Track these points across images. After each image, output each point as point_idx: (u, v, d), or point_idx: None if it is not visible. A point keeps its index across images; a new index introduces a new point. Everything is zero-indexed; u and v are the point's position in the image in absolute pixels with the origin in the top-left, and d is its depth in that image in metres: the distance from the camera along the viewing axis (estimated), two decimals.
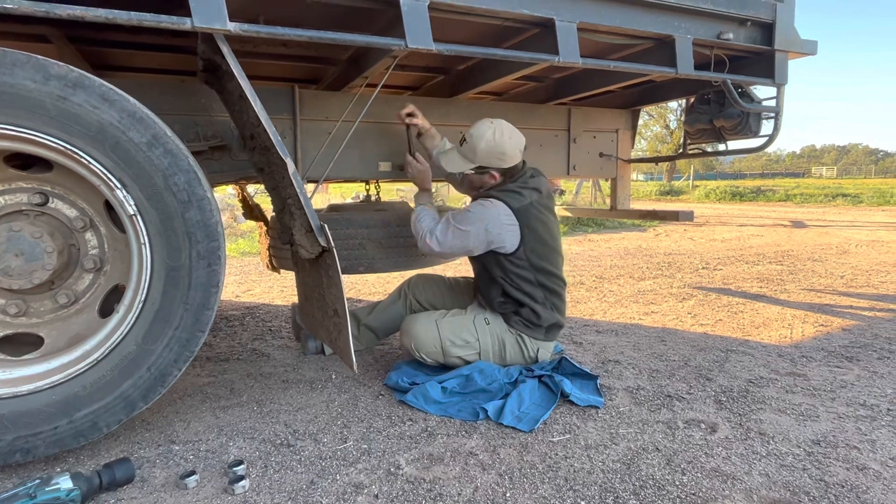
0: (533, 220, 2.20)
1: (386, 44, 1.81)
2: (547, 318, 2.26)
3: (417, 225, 2.27)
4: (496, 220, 2.15)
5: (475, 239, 2.16)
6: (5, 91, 1.41)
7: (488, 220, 2.15)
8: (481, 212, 2.17)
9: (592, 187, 15.24)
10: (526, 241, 2.19)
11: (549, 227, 2.26)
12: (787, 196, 19.95)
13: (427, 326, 2.25)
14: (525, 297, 2.23)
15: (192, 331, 1.65)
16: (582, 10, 2.05)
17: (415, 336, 2.25)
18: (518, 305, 2.26)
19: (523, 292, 2.23)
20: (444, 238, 2.19)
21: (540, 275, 2.23)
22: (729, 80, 2.52)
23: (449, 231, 2.19)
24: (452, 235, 2.18)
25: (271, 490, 1.51)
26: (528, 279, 2.22)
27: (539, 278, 2.24)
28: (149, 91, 2.14)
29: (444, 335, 2.23)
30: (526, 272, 2.22)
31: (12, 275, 1.62)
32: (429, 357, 2.25)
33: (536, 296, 2.24)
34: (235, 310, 3.69)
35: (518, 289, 2.22)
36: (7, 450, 1.53)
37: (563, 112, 3.17)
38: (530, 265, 2.21)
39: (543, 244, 2.24)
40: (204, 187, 1.63)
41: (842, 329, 3.14)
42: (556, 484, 1.53)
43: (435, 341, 2.23)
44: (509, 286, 2.23)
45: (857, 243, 7.33)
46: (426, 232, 2.22)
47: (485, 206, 2.18)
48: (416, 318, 2.31)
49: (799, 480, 1.55)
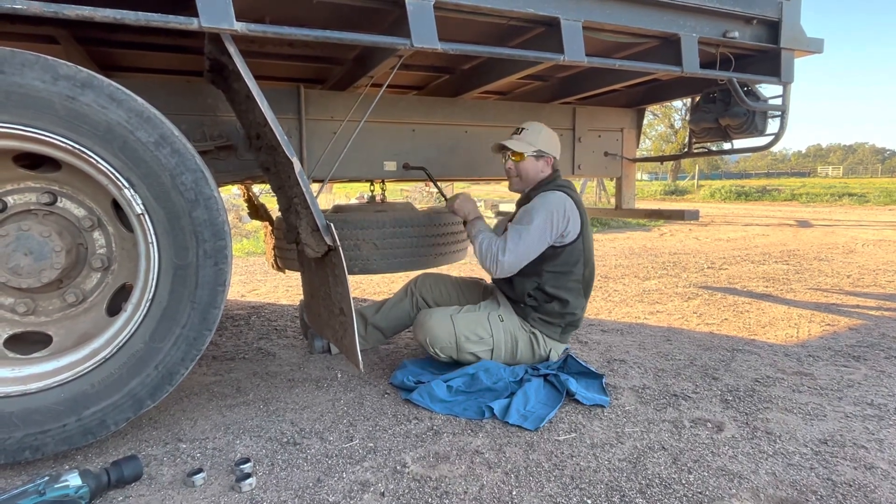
0: (586, 212, 2.33)
1: (391, 43, 1.81)
2: (573, 311, 2.30)
3: (483, 249, 2.23)
4: (561, 205, 2.21)
5: (546, 230, 2.19)
6: (14, 91, 1.42)
7: (555, 207, 2.21)
8: (544, 202, 2.22)
9: (597, 187, 15.21)
10: (584, 230, 2.28)
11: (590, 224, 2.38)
12: (793, 195, 19.86)
13: (443, 321, 2.25)
14: (561, 290, 2.26)
15: (199, 329, 1.66)
16: (587, 8, 2.05)
17: (429, 330, 2.24)
18: (546, 300, 2.27)
19: (562, 286, 2.26)
20: (515, 246, 2.16)
21: (587, 268, 2.32)
22: (735, 78, 2.51)
23: (518, 236, 2.17)
24: (522, 238, 2.17)
25: (278, 488, 1.51)
26: (577, 273, 2.28)
27: (585, 273, 2.32)
28: (156, 91, 2.15)
29: (460, 330, 2.23)
30: (577, 265, 2.27)
31: (21, 273, 1.63)
32: (442, 352, 2.25)
33: (574, 289, 2.29)
34: (241, 309, 3.70)
35: (559, 281, 2.26)
36: (17, 447, 1.54)
37: (568, 111, 3.17)
38: (584, 256, 2.29)
39: (591, 238, 2.36)
40: (211, 186, 1.64)
41: (849, 328, 3.12)
42: (563, 482, 1.53)
43: (450, 336, 2.23)
44: (551, 278, 2.25)
45: (864, 242, 7.29)
46: (496, 253, 2.19)
47: (546, 196, 2.25)
48: (431, 313, 2.31)
49: (806, 479, 1.54)
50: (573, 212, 2.24)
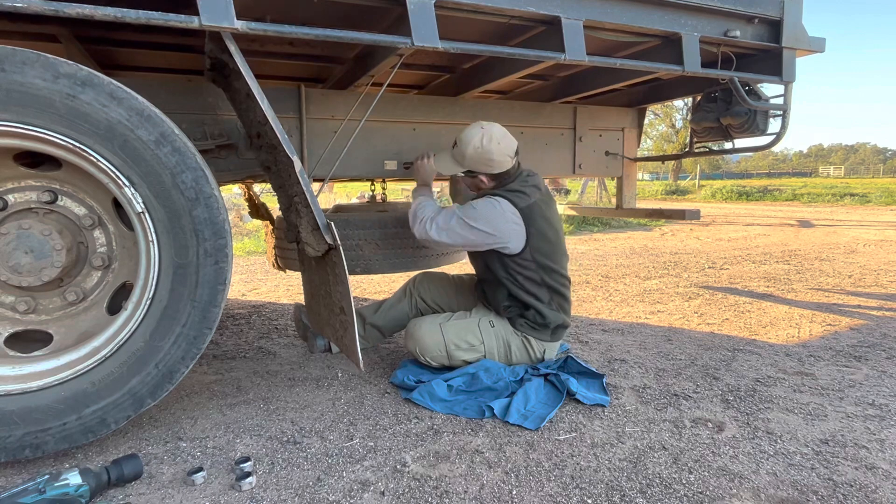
0: (538, 218, 2.19)
1: (392, 42, 1.81)
2: (553, 319, 2.25)
3: (418, 212, 2.23)
4: (503, 218, 2.13)
5: (479, 235, 2.13)
6: (15, 89, 1.42)
7: (496, 219, 2.13)
8: (489, 210, 2.15)
9: (598, 186, 15.20)
10: (532, 240, 2.17)
11: (552, 225, 2.26)
12: (794, 195, 19.85)
13: (432, 330, 2.23)
14: (531, 298, 2.22)
15: (199, 328, 1.65)
16: (588, 7, 2.05)
17: (419, 340, 2.24)
18: (524, 308, 2.25)
19: (529, 293, 2.21)
20: (446, 225, 2.15)
21: (545, 274, 2.22)
22: (736, 77, 2.51)
23: (453, 220, 2.15)
24: (457, 225, 2.14)
25: (278, 486, 1.51)
26: (534, 280, 2.21)
27: (544, 278, 2.22)
28: (156, 90, 2.15)
29: (449, 339, 2.22)
30: (531, 273, 2.20)
31: (22, 272, 1.63)
32: (434, 361, 2.24)
33: (542, 296, 2.23)
34: (242, 308, 3.70)
35: (524, 290, 2.21)
36: (17, 445, 1.54)
37: (569, 110, 3.16)
38: (536, 265, 2.20)
39: (548, 242, 2.22)
40: (211, 185, 1.64)
41: (850, 328, 3.12)
42: (563, 482, 1.53)
43: (439, 345, 2.22)
44: (515, 287, 2.21)
45: (866, 243, 7.28)
46: (427, 219, 2.19)
47: (492, 203, 2.16)
48: (420, 322, 2.29)
49: (807, 479, 1.54)
50: (515, 226, 2.14)
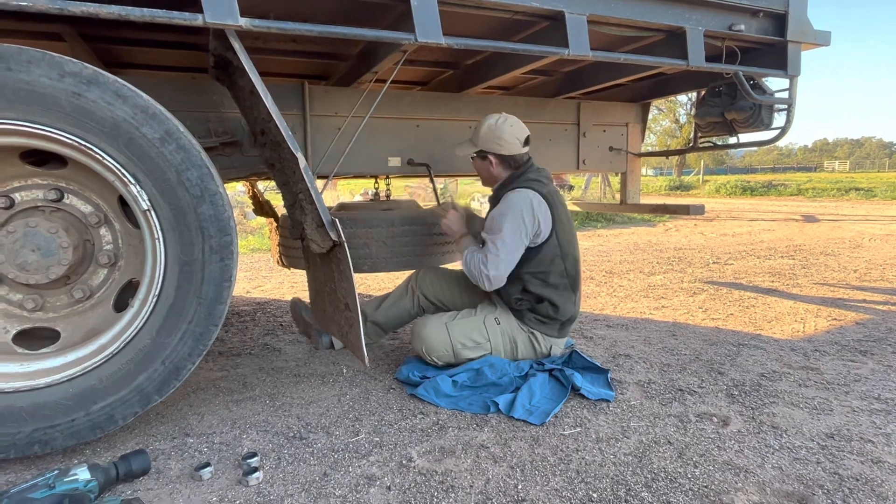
0: (559, 204, 2.25)
1: (395, 38, 1.81)
2: (565, 311, 2.26)
3: (472, 271, 2.20)
4: (528, 204, 2.16)
5: (518, 233, 2.13)
6: (21, 88, 1.43)
7: (522, 207, 2.15)
8: (510, 205, 2.16)
9: (602, 182, 15.15)
10: (556, 225, 2.21)
11: (568, 214, 2.31)
12: (799, 190, 19.75)
13: (438, 330, 2.23)
14: (547, 289, 2.23)
15: (205, 325, 1.66)
16: (592, 2, 2.04)
17: (425, 339, 2.24)
18: (536, 301, 2.25)
19: (547, 284, 2.22)
20: (495, 259, 2.13)
21: (568, 262, 2.25)
22: (741, 71, 2.49)
23: (494, 248, 2.13)
24: (499, 249, 2.13)
25: (285, 482, 1.52)
26: (557, 269, 2.22)
27: (567, 267, 2.25)
28: (161, 88, 2.16)
29: (455, 338, 2.22)
30: (555, 261, 2.22)
31: (29, 270, 1.64)
32: (440, 360, 2.24)
33: (560, 285, 2.24)
34: (247, 305, 3.72)
35: (542, 281, 2.22)
36: (26, 441, 1.56)
37: (573, 106, 3.15)
38: (560, 252, 2.23)
39: (569, 230, 2.28)
40: (216, 182, 1.64)
41: (855, 323, 3.11)
42: (568, 476, 1.53)
43: (446, 345, 2.22)
44: (533, 279, 2.22)
45: (871, 237, 7.25)
46: (480, 269, 2.16)
47: (512, 197, 2.18)
48: (425, 322, 2.29)
49: (813, 474, 1.54)
50: (541, 209, 2.17)
